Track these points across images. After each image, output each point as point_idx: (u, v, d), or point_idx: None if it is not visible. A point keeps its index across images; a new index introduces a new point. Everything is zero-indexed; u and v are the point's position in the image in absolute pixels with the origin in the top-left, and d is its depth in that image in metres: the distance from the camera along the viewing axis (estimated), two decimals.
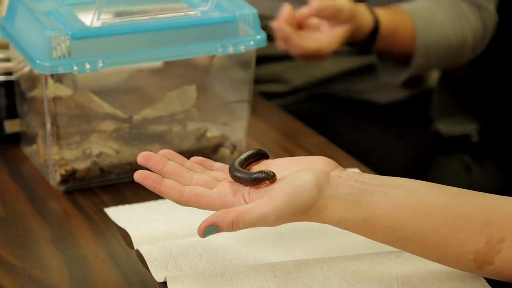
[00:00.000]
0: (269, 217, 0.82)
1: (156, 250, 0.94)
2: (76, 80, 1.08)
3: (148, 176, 0.86)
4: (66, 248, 0.97)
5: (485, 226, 0.82)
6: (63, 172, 1.07)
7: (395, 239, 0.84)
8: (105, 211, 1.03)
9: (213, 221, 0.82)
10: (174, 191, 0.86)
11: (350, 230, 0.85)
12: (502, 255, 0.82)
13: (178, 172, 0.88)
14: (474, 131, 1.66)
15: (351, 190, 0.83)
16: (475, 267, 0.83)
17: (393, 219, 0.83)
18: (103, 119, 1.09)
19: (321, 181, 0.83)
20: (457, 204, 0.83)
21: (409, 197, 0.83)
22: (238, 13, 1.09)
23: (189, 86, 1.13)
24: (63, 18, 1.06)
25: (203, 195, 0.86)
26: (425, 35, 1.45)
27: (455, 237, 0.82)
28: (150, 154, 0.88)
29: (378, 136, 1.60)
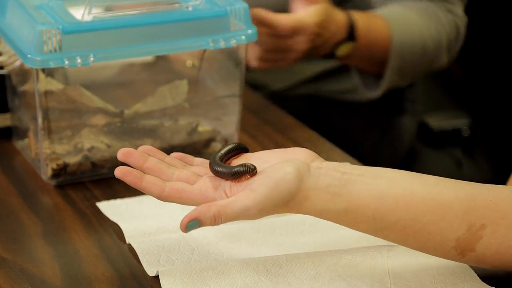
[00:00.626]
0: (251, 210, 0.82)
1: (148, 244, 0.94)
2: (67, 74, 1.08)
3: (128, 172, 0.86)
4: (58, 243, 0.97)
5: (466, 213, 0.82)
6: (55, 166, 1.07)
7: (377, 229, 0.84)
8: (97, 205, 1.03)
9: (195, 215, 0.83)
10: (155, 187, 0.86)
11: (332, 220, 0.85)
12: (483, 242, 0.83)
13: (159, 167, 0.88)
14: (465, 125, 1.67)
15: (332, 180, 0.84)
16: (457, 254, 0.84)
17: (374, 209, 0.83)
18: (95, 114, 1.09)
19: (302, 172, 0.83)
20: (437, 192, 0.83)
21: (390, 187, 0.83)
22: (229, 8, 1.09)
23: (180, 80, 1.13)
24: (54, 12, 1.05)
25: (184, 190, 0.86)
26: (400, 36, 1.46)
27: (436, 225, 0.83)
28: (130, 150, 0.88)
29: (364, 131, 1.61)
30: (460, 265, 0.89)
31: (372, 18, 1.46)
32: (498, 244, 0.82)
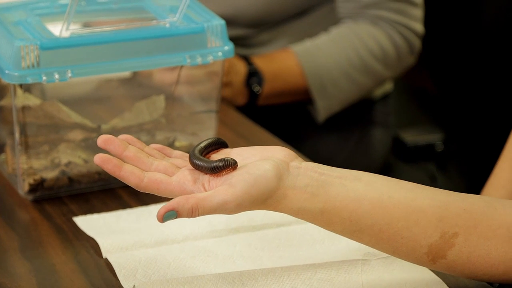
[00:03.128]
0: (228, 205, 0.82)
1: (124, 259, 0.95)
2: (45, 89, 1.09)
3: (108, 160, 0.85)
4: (35, 257, 0.97)
5: (440, 220, 0.84)
6: (32, 181, 1.08)
7: (351, 231, 0.85)
8: (73, 220, 1.04)
9: (172, 206, 0.82)
10: (133, 176, 0.85)
11: (307, 220, 0.85)
12: (455, 250, 0.84)
13: (138, 157, 0.87)
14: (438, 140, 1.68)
15: (310, 180, 0.84)
16: (428, 260, 0.85)
17: (351, 211, 0.84)
18: (72, 129, 1.10)
19: (281, 170, 0.84)
20: (413, 198, 0.84)
21: (367, 190, 0.84)
22: (206, 24, 1.10)
23: (157, 96, 1.14)
24: (32, 28, 1.06)
25: (162, 182, 0.85)
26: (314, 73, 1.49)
27: (410, 230, 0.84)
28: (110, 137, 0.87)
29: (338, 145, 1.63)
30: (433, 279, 0.90)
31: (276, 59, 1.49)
32: (469, 252, 0.84)
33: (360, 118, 1.64)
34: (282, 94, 1.52)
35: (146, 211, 1.06)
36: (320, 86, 1.51)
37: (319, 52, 1.51)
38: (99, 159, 0.85)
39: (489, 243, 0.83)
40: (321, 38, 1.53)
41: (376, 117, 1.66)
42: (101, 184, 1.11)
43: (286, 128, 1.59)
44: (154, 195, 1.08)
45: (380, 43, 1.52)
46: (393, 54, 1.53)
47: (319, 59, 1.51)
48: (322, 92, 1.51)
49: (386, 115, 1.67)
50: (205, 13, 1.13)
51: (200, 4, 1.15)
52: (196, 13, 1.13)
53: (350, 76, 1.52)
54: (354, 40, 1.51)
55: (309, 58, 1.50)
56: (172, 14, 1.11)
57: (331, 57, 1.51)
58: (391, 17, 1.52)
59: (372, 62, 1.52)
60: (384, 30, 1.52)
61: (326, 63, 1.51)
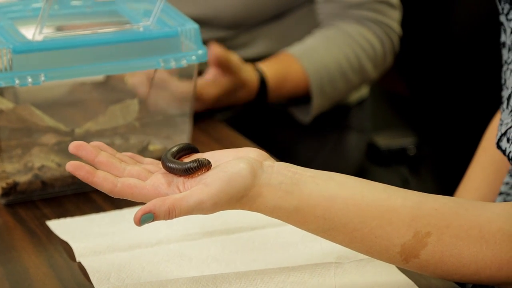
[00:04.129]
0: (205, 204, 0.82)
1: (98, 262, 0.95)
2: (18, 93, 1.09)
3: (80, 167, 0.85)
4: (8, 261, 0.97)
5: (413, 220, 0.84)
6: (4, 185, 1.07)
7: (325, 229, 0.85)
8: (47, 224, 1.03)
9: (149, 208, 0.82)
10: (107, 182, 0.85)
11: (282, 219, 0.85)
12: (428, 249, 0.84)
13: (111, 162, 0.87)
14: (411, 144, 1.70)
15: (284, 178, 0.85)
16: (401, 259, 0.85)
17: (325, 209, 0.84)
18: (45, 132, 1.10)
19: (255, 168, 0.84)
20: (386, 198, 0.85)
21: (340, 189, 0.85)
22: (180, 28, 1.10)
23: (131, 100, 1.14)
24: (4, 31, 1.06)
25: (136, 186, 0.85)
26: (315, 73, 1.50)
27: (383, 229, 0.84)
28: (82, 143, 0.87)
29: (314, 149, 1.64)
30: (406, 281, 0.91)
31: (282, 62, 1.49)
32: (441, 252, 0.84)
33: (336, 123, 1.65)
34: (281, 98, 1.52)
35: (119, 215, 1.06)
36: (319, 85, 1.51)
37: (318, 52, 1.51)
38: (71, 166, 0.85)
39: (461, 242, 0.84)
40: (314, 39, 1.53)
41: (352, 122, 1.67)
42: (74, 188, 1.11)
43: (263, 132, 1.59)
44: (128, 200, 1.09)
45: (370, 42, 1.53)
46: (381, 54, 1.54)
47: (319, 60, 1.51)
48: (320, 91, 1.51)
49: (362, 120, 1.68)
50: (179, 17, 1.13)
51: (173, 8, 1.15)
52: (169, 17, 1.13)
53: (346, 75, 1.52)
54: (347, 39, 1.52)
55: (310, 60, 1.50)
56: (146, 18, 1.11)
57: (330, 56, 1.51)
58: (374, 17, 1.52)
59: (365, 61, 1.53)
60: (371, 29, 1.53)
61: (326, 63, 1.51)
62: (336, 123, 1.65)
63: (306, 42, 1.52)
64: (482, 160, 1.13)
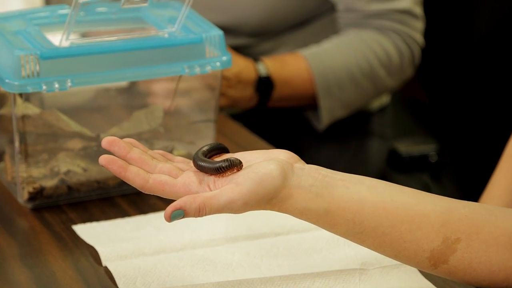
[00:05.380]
0: (235, 203, 0.83)
1: (124, 267, 0.96)
2: (44, 98, 1.10)
3: (113, 161, 0.85)
4: (35, 265, 0.97)
5: (442, 225, 0.84)
6: (31, 190, 1.08)
7: (354, 233, 0.85)
8: (73, 228, 1.04)
9: (180, 205, 0.82)
10: (138, 178, 0.85)
11: (311, 221, 0.86)
12: (457, 255, 0.84)
13: (143, 159, 0.87)
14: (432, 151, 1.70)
15: (314, 181, 0.85)
16: (430, 265, 0.85)
17: (354, 212, 0.84)
18: (71, 138, 1.11)
19: (286, 170, 0.85)
20: (416, 203, 0.85)
21: (369, 193, 0.85)
22: (204, 35, 1.11)
23: (156, 105, 1.15)
24: (31, 38, 1.07)
25: (167, 183, 0.85)
26: (322, 74, 1.51)
27: (412, 234, 0.84)
28: (115, 139, 0.87)
29: (335, 155, 1.64)
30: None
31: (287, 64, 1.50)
32: (471, 258, 0.84)
33: (358, 129, 1.65)
34: (289, 99, 1.52)
35: (144, 219, 1.07)
36: (326, 87, 1.51)
37: (328, 55, 1.51)
38: (104, 160, 0.85)
39: (490, 249, 0.84)
40: (329, 43, 1.53)
41: (374, 128, 1.67)
42: (99, 192, 1.12)
43: (284, 138, 1.60)
44: (152, 204, 1.10)
45: (386, 50, 1.53)
46: (397, 62, 1.54)
47: (327, 62, 1.51)
48: (327, 93, 1.51)
49: (383, 127, 1.68)
50: (204, 24, 1.14)
51: (198, 15, 1.16)
52: (194, 24, 1.13)
53: (355, 80, 1.52)
54: (361, 45, 1.52)
55: (318, 61, 1.50)
56: (170, 24, 1.12)
57: (339, 59, 1.52)
58: (394, 27, 1.53)
59: (378, 68, 1.53)
60: (389, 37, 1.53)
61: (334, 65, 1.51)
62: (357, 129, 1.66)
63: (319, 45, 1.53)
64: (507, 167, 1.13)
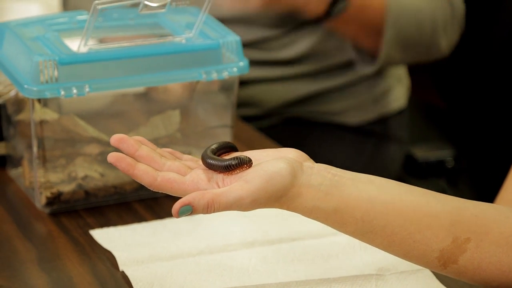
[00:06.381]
0: (244, 201, 0.83)
1: (141, 272, 0.96)
2: (61, 104, 1.10)
3: (122, 159, 0.85)
4: (52, 270, 0.98)
5: (452, 225, 0.84)
6: (49, 195, 1.09)
7: (364, 232, 0.85)
8: (90, 233, 1.05)
9: (188, 201, 0.82)
10: (147, 175, 0.85)
11: (320, 220, 0.86)
12: (467, 255, 0.84)
13: (151, 156, 0.87)
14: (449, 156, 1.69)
15: (323, 180, 0.85)
16: (439, 265, 0.85)
17: (364, 211, 0.84)
18: (88, 143, 1.11)
19: (295, 169, 0.85)
20: (425, 203, 0.85)
21: (379, 192, 0.85)
22: (221, 40, 1.11)
23: (173, 110, 1.15)
24: (50, 43, 1.07)
25: (176, 181, 0.85)
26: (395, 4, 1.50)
27: (422, 234, 0.84)
28: (123, 136, 0.87)
29: (351, 158, 1.64)
30: None
31: None
32: (480, 258, 0.84)
33: (375, 132, 1.65)
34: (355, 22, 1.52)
35: (161, 224, 1.07)
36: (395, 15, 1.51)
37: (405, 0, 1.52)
38: (112, 157, 0.85)
39: (500, 250, 0.84)
40: None
41: (391, 132, 1.67)
42: (116, 197, 1.12)
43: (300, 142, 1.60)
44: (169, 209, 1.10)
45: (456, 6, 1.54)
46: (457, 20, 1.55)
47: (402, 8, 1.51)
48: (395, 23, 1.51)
49: (400, 131, 1.68)
50: (221, 29, 1.14)
51: (215, 20, 1.16)
52: (211, 29, 1.14)
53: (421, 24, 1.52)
54: None
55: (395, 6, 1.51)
56: (188, 30, 1.12)
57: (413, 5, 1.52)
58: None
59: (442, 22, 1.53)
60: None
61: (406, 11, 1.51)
62: (374, 132, 1.65)
63: None
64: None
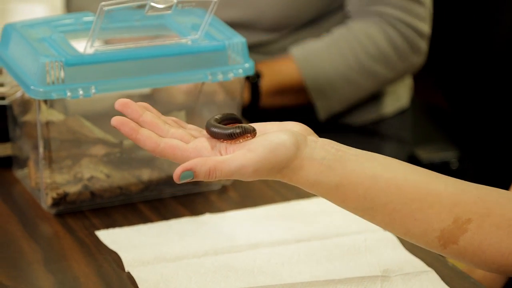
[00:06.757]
0: (246, 169, 0.83)
1: (146, 272, 0.96)
2: (67, 105, 1.11)
3: (125, 123, 0.85)
4: (58, 270, 0.98)
5: (454, 205, 0.84)
6: (55, 196, 1.09)
7: (365, 208, 0.85)
8: (96, 234, 1.05)
9: (190, 166, 0.82)
10: (150, 141, 0.85)
11: (321, 194, 0.85)
12: (467, 236, 0.84)
13: (155, 122, 0.87)
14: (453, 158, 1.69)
15: (327, 154, 0.85)
16: (439, 245, 0.85)
17: (366, 188, 0.84)
18: (94, 144, 1.11)
19: (299, 141, 0.85)
20: (428, 182, 0.85)
21: (383, 170, 0.85)
22: (227, 42, 1.12)
23: (178, 112, 1.16)
24: (56, 45, 1.08)
25: (179, 147, 0.85)
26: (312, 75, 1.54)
27: (424, 212, 0.84)
28: (128, 101, 0.87)
29: None
30: None
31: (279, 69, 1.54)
32: (480, 240, 0.84)
33: (374, 132, 1.66)
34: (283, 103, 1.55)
35: (166, 225, 1.08)
36: (318, 89, 1.54)
37: (318, 57, 1.54)
38: (116, 121, 0.85)
39: (501, 232, 0.84)
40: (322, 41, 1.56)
41: (391, 132, 1.68)
42: (122, 198, 1.12)
43: None
44: (174, 210, 1.11)
45: (377, 44, 1.54)
46: (392, 54, 1.55)
47: (317, 64, 1.54)
48: (320, 95, 1.54)
49: (401, 131, 1.69)
50: (226, 31, 1.14)
51: (221, 22, 1.16)
52: (217, 31, 1.14)
53: (349, 79, 1.55)
54: (352, 42, 1.54)
55: (308, 65, 1.53)
56: (194, 31, 1.13)
57: (329, 61, 1.54)
58: (394, 14, 1.54)
59: (370, 64, 1.55)
60: (383, 29, 1.55)
61: (324, 68, 1.54)
62: (374, 132, 1.66)
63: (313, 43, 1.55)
64: None
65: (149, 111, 0.89)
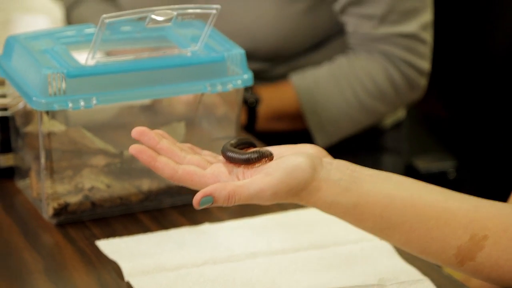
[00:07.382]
0: (265, 193, 0.83)
1: (146, 282, 0.97)
2: (69, 116, 1.12)
3: (143, 151, 0.87)
4: (59, 280, 0.99)
5: (470, 222, 0.85)
6: (56, 206, 1.10)
7: (382, 228, 0.86)
8: (96, 244, 1.06)
9: (210, 191, 0.83)
10: (168, 168, 0.86)
11: (339, 215, 0.86)
12: (484, 252, 0.85)
13: (172, 149, 0.88)
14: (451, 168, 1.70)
15: (343, 175, 0.86)
16: (457, 262, 0.86)
17: (383, 207, 0.85)
18: (95, 154, 1.13)
19: (315, 163, 0.85)
20: (443, 200, 0.86)
21: (398, 189, 0.86)
22: (226, 53, 1.13)
23: (178, 122, 1.17)
24: (58, 56, 1.09)
25: (196, 173, 0.86)
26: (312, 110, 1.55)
27: (440, 230, 0.85)
28: (145, 129, 0.88)
29: None
30: None
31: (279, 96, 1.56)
32: (498, 256, 0.85)
33: (372, 145, 1.67)
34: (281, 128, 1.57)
35: (166, 235, 1.09)
36: (317, 122, 1.55)
37: (318, 89, 1.55)
38: (134, 149, 0.87)
39: None
40: (322, 70, 1.56)
41: (388, 144, 1.69)
42: (122, 208, 1.14)
43: None
44: (174, 220, 1.12)
45: (378, 83, 1.54)
46: (390, 92, 1.55)
47: (317, 97, 1.55)
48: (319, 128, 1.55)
49: (398, 142, 1.70)
50: (225, 43, 1.16)
51: (220, 34, 1.18)
52: (216, 42, 1.16)
53: (347, 115, 1.56)
54: (353, 80, 1.54)
55: (307, 96, 1.54)
56: (193, 43, 1.14)
57: (329, 96, 1.55)
58: (397, 53, 1.54)
59: (369, 102, 1.55)
60: (385, 68, 1.54)
61: (324, 102, 1.55)
62: (370, 145, 1.67)
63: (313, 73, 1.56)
64: None
65: (165, 138, 0.90)
